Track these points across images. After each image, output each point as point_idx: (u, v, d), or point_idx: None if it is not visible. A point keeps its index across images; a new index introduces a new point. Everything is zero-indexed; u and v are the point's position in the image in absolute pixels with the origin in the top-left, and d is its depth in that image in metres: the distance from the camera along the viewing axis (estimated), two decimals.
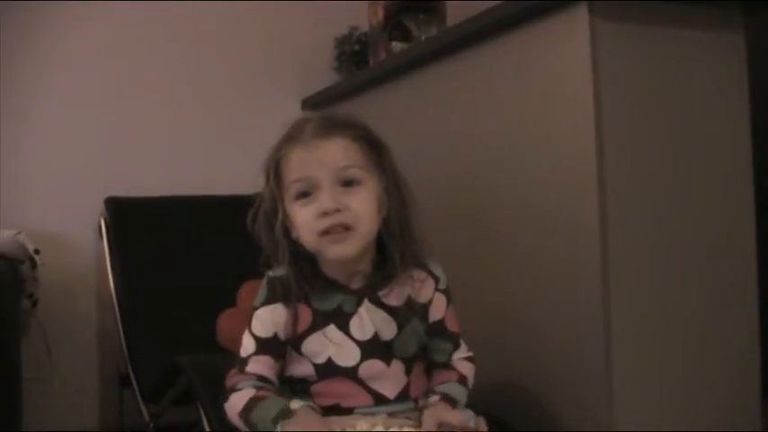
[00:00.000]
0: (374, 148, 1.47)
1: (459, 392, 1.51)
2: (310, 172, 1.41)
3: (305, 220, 1.41)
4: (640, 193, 1.79)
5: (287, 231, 1.46)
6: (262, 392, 1.44)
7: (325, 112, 1.47)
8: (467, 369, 1.55)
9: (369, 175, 1.44)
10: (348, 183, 1.42)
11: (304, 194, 1.42)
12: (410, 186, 1.51)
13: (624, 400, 1.75)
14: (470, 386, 1.55)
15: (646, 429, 1.75)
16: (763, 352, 1.91)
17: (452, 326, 1.55)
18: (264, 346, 1.48)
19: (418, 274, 1.51)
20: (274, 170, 1.47)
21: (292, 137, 1.46)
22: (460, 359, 1.56)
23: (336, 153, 1.42)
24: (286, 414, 1.38)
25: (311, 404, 1.43)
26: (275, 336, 1.48)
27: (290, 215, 1.45)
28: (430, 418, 1.42)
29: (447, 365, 1.55)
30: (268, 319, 1.48)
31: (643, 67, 1.82)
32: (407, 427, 1.39)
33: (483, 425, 1.48)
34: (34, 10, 2.79)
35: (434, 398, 1.48)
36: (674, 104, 1.84)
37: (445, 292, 1.54)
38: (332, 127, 1.44)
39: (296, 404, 1.41)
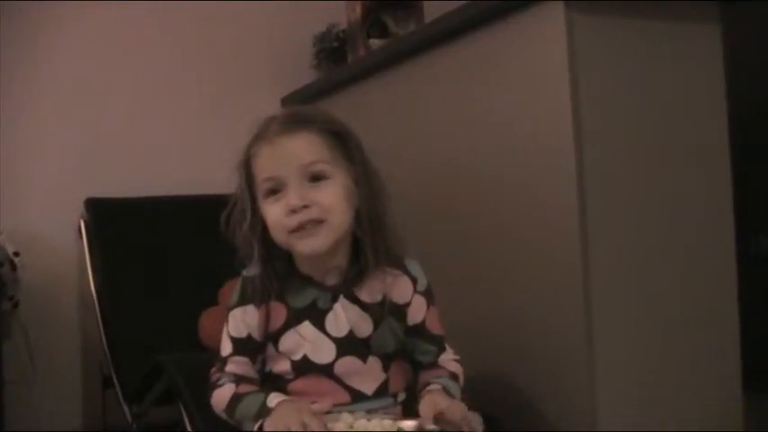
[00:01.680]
0: (341, 140, 1.45)
1: (453, 387, 1.48)
2: (277, 170, 1.41)
3: (274, 217, 1.41)
4: (619, 186, 1.80)
5: (262, 230, 1.45)
6: (242, 387, 1.45)
7: (291, 107, 1.46)
8: (456, 368, 1.53)
9: (336, 169, 1.43)
10: (315, 178, 1.41)
11: (273, 192, 1.42)
12: (382, 178, 1.49)
13: (606, 400, 1.75)
14: (461, 386, 1.52)
15: (628, 428, 1.76)
16: (744, 350, 1.92)
17: (435, 328, 1.53)
18: (240, 346, 1.49)
19: (392, 271, 1.49)
20: (245, 169, 1.47)
21: (260, 135, 1.45)
22: (449, 360, 1.54)
23: (301, 149, 1.41)
24: (263, 413, 1.38)
25: (290, 398, 1.42)
26: (249, 336, 1.48)
27: (262, 213, 1.44)
28: (428, 406, 1.39)
29: (435, 365, 1.53)
30: (240, 320, 1.49)
31: (620, 59, 1.83)
32: (388, 420, 1.37)
33: (477, 423, 1.43)
34: (16, 12, 2.78)
35: (434, 386, 1.45)
36: (651, 96, 1.85)
37: (425, 293, 1.52)
38: (296, 122, 1.43)
39: (273, 401, 1.40)
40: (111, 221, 2.72)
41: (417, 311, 1.51)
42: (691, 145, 1.89)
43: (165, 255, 2.67)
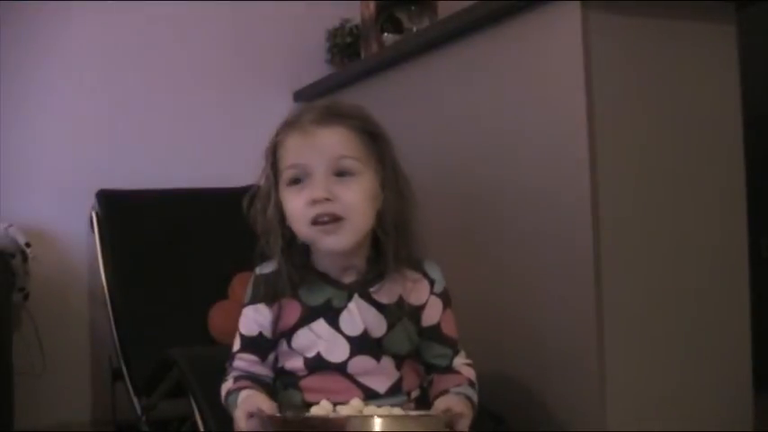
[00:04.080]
0: (374, 139, 1.44)
1: (473, 396, 1.47)
2: (304, 159, 1.39)
3: (295, 207, 1.40)
4: (633, 185, 1.80)
5: (281, 218, 1.44)
6: (237, 384, 1.45)
7: (327, 99, 1.46)
8: (471, 374, 1.52)
9: (364, 167, 1.41)
10: (342, 173, 1.39)
11: (297, 181, 1.40)
12: (411, 184, 1.48)
13: (616, 399, 1.75)
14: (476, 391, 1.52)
15: (637, 428, 1.75)
16: (755, 351, 1.91)
17: (450, 331, 1.52)
18: (248, 344, 1.49)
19: (412, 275, 1.48)
20: (272, 155, 1.46)
21: (291, 122, 1.44)
22: (463, 365, 1.53)
23: (333, 142, 1.40)
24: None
25: (254, 392, 1.42)
26: (260, 334, 1.47)
27: (282, 201, 1.43)
28: (442, 402, 1.40)
29: (451, 369, 1.52)
30: (251, 319, 1.48)
31: (635, 58, 1.82)
32: (397, 409, 1.36)
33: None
34: (30, 6, 2.79)
35: (456, 392, 1.45)
36: (666, 95, 1.84)
37: (441, 295, 1.51)
38: (331, 115, 1.42)
39: (240, 399, 1.41)
40: (122, 214, 2.72)
41: (433, 313, 1.50)
42: (705, 146, 1.88)
43: (176, 247, 2.68)
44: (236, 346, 1.50)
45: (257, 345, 1.48)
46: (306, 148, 1.40)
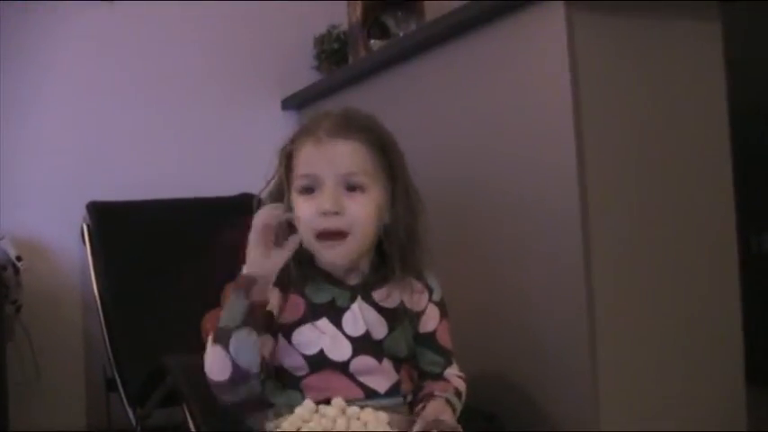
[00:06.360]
0: (386, 153, 1.47)
1: (457, 404, 1.50)
2: (317, 170, 1.42)
3: (304, 215, 1.42)
4: (621, 184, 1.80)
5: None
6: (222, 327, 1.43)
7: (345, 109, 1.48)
8: (460, 385, 1.54)
9: (374, 182, 1.44)
10: (352, 188, 1.42)
11: (308, 190, 1.43)
12: (420, 195, 1.51)
13: (610, 399, 1.76)
14: (462, 404, 1.53)
15: (631, 428, 1.76)
16: (747, 346, 1.92)
17: (445, 341, 1.54)
18: None
19: (415, 284, 1.51)
20: (286, 158, 1.48)
21: (308, 130, 1.46)
22: (453, 375, 1.55)
23: (345, 156, 1.42)
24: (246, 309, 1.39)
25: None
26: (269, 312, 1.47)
27: (293, 205, 1.45)
28: (432, 410, 1.42)
29: (441, 377, 1.54)
30: None
31: (620, 59, 1.83)
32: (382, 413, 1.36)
33: None
34: (19, 15, 2.79)
35: (439, 399, 1.47)
36: (652, 93, 1.85)
37: (439, 304, 1.54)
38: (347, 127, 1.44)
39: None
40: (113, 225, 2.72)
41: (430, 320, 1.53)
42: (693, 143, 1.89)
43: (167, 257, 2.68)
44: None
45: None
46: (319, 159, 1.43)
